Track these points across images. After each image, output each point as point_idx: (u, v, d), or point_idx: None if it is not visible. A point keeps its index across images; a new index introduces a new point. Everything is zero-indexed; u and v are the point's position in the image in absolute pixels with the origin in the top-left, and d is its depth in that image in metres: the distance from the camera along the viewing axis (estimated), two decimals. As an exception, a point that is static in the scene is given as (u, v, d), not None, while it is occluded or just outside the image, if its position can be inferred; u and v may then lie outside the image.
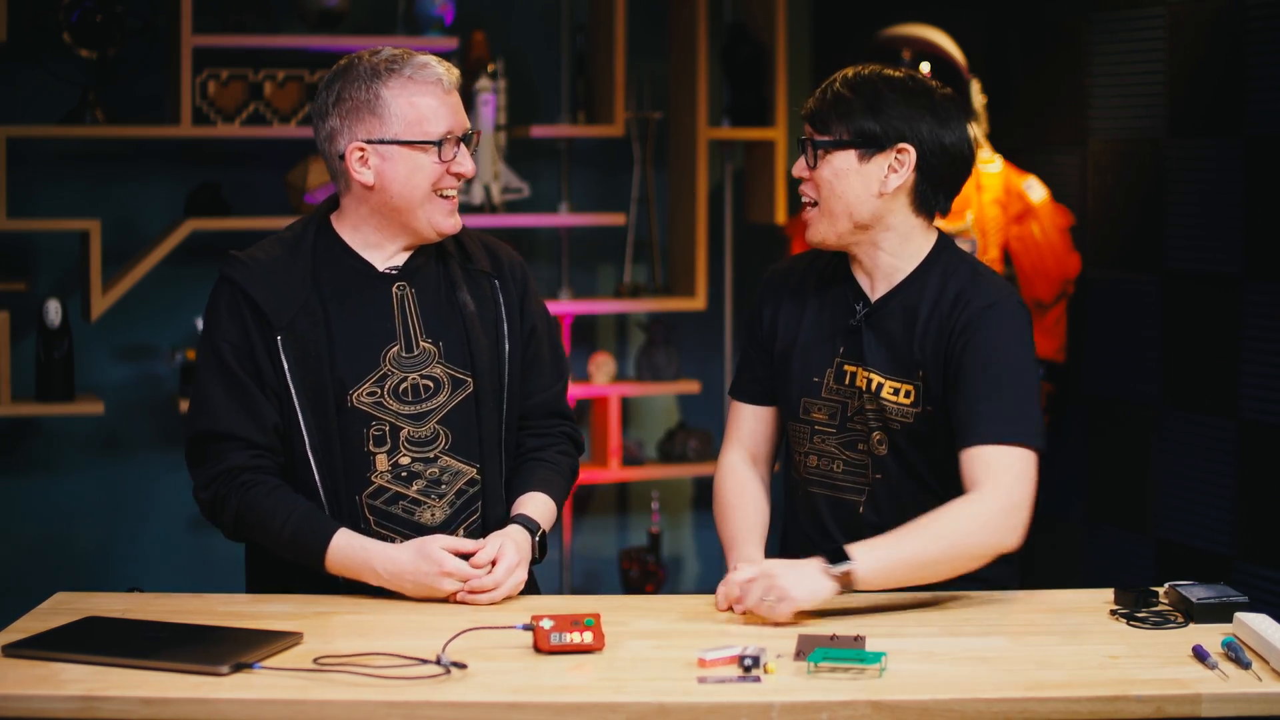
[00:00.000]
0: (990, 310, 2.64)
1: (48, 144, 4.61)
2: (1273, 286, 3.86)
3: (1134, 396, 4.25)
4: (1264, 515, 3.91)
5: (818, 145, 2.70)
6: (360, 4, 4.78)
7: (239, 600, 2.61)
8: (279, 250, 2.69)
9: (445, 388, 2.69)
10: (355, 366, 2.64)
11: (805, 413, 2.76)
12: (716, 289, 5.14)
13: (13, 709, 2.12)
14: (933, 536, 2.52)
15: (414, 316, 2.70)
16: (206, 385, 2.65)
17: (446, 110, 2.65)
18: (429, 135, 2.63)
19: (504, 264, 2.80)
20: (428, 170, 2.64)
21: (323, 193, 4.56)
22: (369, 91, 2.63)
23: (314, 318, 2.64)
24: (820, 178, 2.71)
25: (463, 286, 2.73)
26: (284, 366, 2.61)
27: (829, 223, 2.72)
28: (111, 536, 4.79)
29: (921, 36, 4.44)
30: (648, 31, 5.04)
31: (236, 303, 2.65)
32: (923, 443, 2.69)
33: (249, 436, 2.62)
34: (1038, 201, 4.40)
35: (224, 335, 2.64)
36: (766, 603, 2.44)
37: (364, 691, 2.14)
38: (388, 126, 2.63)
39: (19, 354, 4.49)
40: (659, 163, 5.11)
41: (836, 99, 2.70)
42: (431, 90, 2.64)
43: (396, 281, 2.70)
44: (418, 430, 2.67)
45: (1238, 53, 3.94)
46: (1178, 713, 2.17)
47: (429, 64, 2.65)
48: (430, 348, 2.69)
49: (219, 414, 2.63)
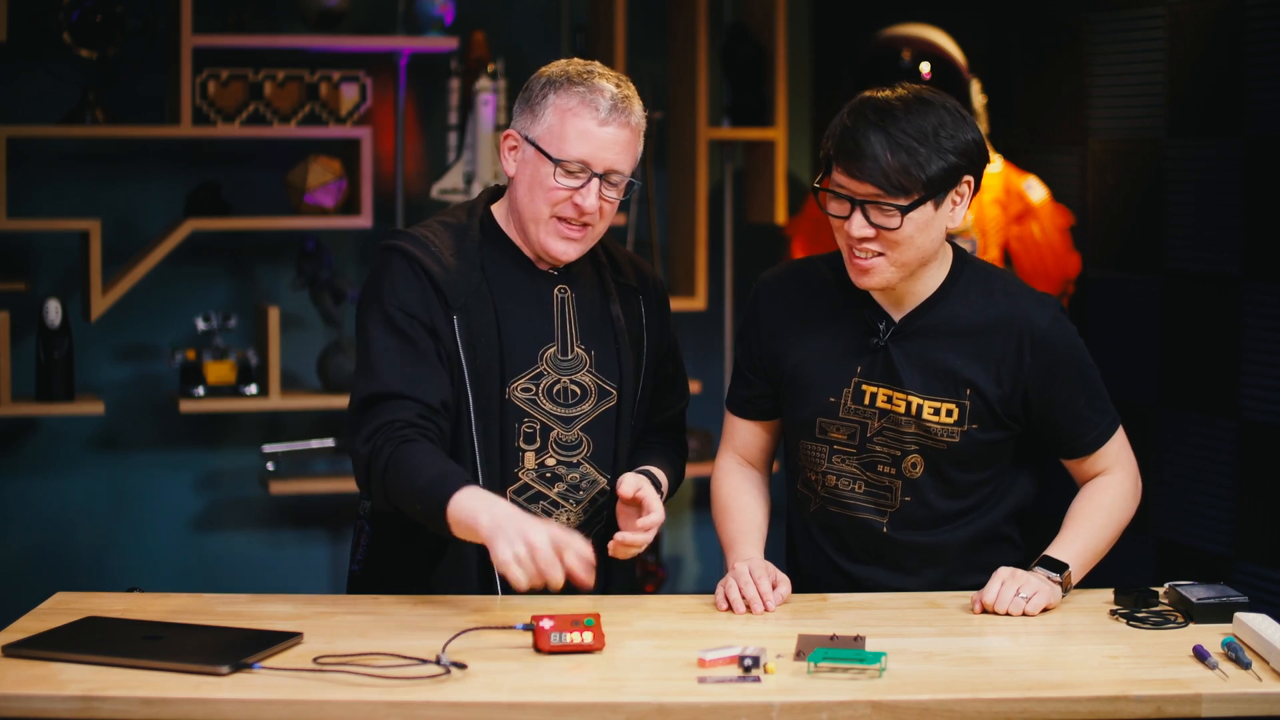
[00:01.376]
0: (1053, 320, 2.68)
1: (48, 144, 4.61)
2: (1273, 286, 3.86)
3: (1134, 396, 4.25)
4: (1264, 515, 3.91)
5: (904, 209, 2.54)
6: (360, 4, 4.78)
7: (239, 600, 2.61)
8: (447, 234, 2.68)
9: (592, 396, 2.71)
10: (515, 360, 2.65)
11: (822, 432, 2.72)
12: (716, 289, 5.14)
13: (13, 709, 2.12)
14: (1104, 525, 2.72)
15: (572, 321, 2.71)
16: (379, 347, 2.58)
17: (592, 139, 2.62)
18: (558, 152, 2.62)
19: (649, 281, 2.83)
20: (546, 186, 2.62)
21: (322, 192, 4.56)
22: (542, 90, 2.66)
23: (485, 304, 2.63)
24: (902, 236, 2.56)
25: (615, 298, 2.75)
26: (458, 346, 2.60)
27: (898, 270, 2.61)
28: (111, 536, 4.79)
29: (921, 36, 4.44)
30: (648, 31, 5.04)
31: (416, 274, 2.61)
32: (966, 460, 2.68)
33: (421, 398, 2.55)
34: (1038, 201, 4.40)
35: (401, 302, 2.59)
36: (1018, 600, 2.54)
37: (364, 691, 2.14)
38: (535, 127, 2.65)
39: (19, 354, 4.49)
40: (659, 163, 5.11)
41: (909, 156, 2.53)
42: (586, 114, 2.63)
43: (558, 283, 2.71)
44: (566, 434, 2.68)
45: (1238, 53, 3.94)
46: (1178, 713, 2.17)
47: (602, 91, 2.64)
48: (583, 354, 2.71)
49: (390, 376, 2.55)
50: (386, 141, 4.85)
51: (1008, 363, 2.65)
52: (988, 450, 2.69)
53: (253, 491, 4.87)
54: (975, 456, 2.68)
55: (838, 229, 2.62)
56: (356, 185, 4.59)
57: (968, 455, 2.67)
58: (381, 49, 4.69)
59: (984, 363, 2.65)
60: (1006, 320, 2.67)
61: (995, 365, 2.66)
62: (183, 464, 4.84)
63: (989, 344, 2.66)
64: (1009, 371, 2.65)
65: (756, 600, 2.55)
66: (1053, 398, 2.68)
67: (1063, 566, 2.60)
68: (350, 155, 4.64)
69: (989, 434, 2.67)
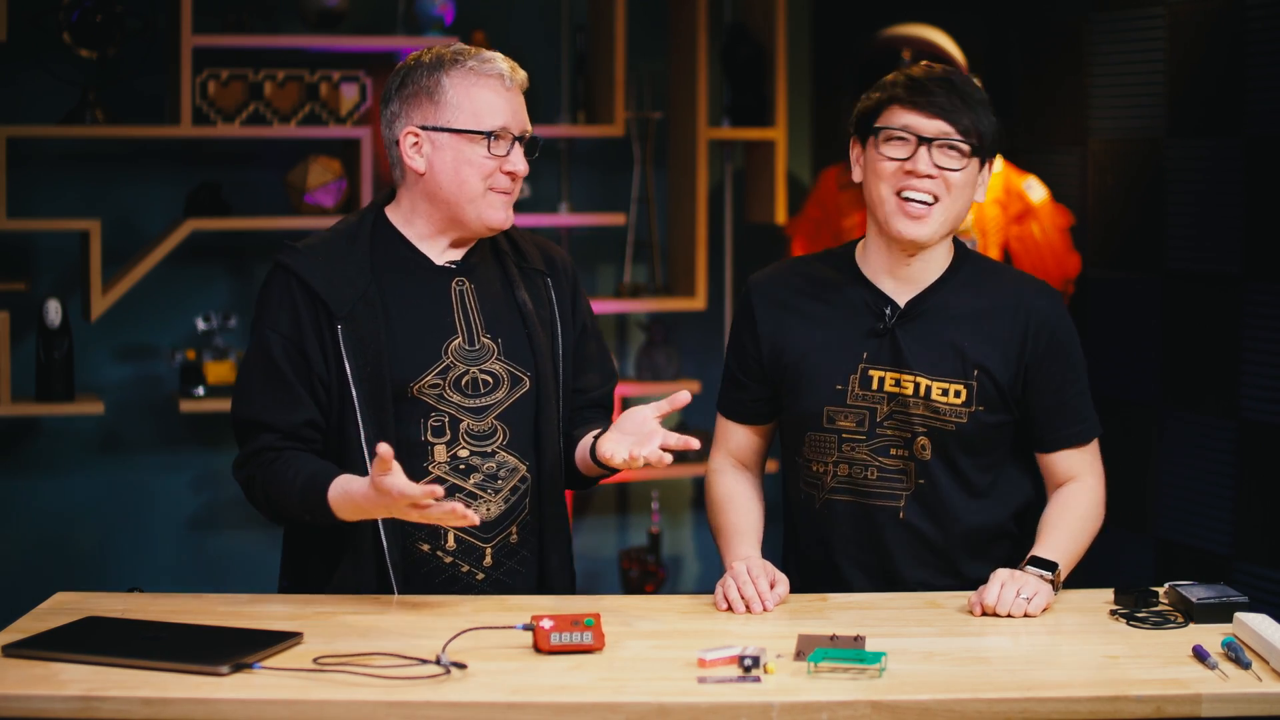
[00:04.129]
0: (1057, 309, 2.74)
1: (48, 144, 4.61)
2: (1273, 286, 3.86)
3: (1134, 396, 4.25)
4: (1264, 515, 3.91)
5: (970, 153, 2.65)
6: (360, 4, 4.78)
7: (239, 600, 2.61)
8: (336, 240, 2.70)
9: (504, 384, 2.70)
10: (416, 358, 2.66)
11: (830, 421, 2.73)
12: (716, 289, 5.14)
13: (13, 709, 2.12)
14: (1081, 531, 2.72)
15: (474, 312, 2.71)
16: (248, 372, 2.68)
17: (504, 105, 2.66)
18: (481, 126, 2.64)
19: (557, 263, 2.82)
20: (477, 163, 2.66)
21: (322, 192, 4.57)
22: (431, 79, 2.66)
23: (373, 308, 2.64)
24: (960, 181, 2.66)
25: (520, 285, 2.76)
26: (342, 355, 2.61)
27: (946, 221, 2.68)
28: (111, 536, 4.79)
29: (921, 36, 4.44)
30: (648, 31, 5.04)
31: (290, 292, 2.64)
32: (971, 443, 2.70)
33: (277, 425, 2.63)
34: (1038, 201, 4.40)
35: (273, 324, 2.65)
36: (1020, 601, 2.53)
37: (364, 691, 2.14)
38: (442, 114, 2.65)
39: (19, 354, 4.49)
40: (659, 163, 5.11)
41: (975, 106, 2.66)
42: (491, 84, 2.66)
43: (456, 276, 2.72)
44: (477, 424, 2.68)
45: (1238, 53, 3.94)
46: (1178, 713, 2.17)
47: (494, 59, 2.68)
48: (490, 344, 2.71)
49: (254, 401, 2.65)
50: (386, 141, 4.85)
51: (1013, 344, 2.70)
52: (993, 433, 2.71)
53: (253, 491, 4.87)
54: (980, 440, 2.70)
55: (889, 176, 2.66)
56: (356, 185, 4.59)
57: (973, 438, 2.70)
58: (381, 49, 4.69)
59: (992, 344, 2.70)
60: (1012, 303, 2.72)
61: (1003, 346, 2.70)
62: (183, 464, 4.84)
63: (996, 325, 2.71)
64: (1014, 353, 2.70)
65: (755, 600, 2.55)
66: (1046, 382, 2.72)
67: (1053, 565, 2.61)
68: (350, 155, 4.64)
69: (995, 416, 2.70)
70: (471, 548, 2.68)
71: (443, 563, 2.67)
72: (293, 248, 2.68)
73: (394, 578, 2.63)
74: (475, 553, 2.68)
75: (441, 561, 2.67)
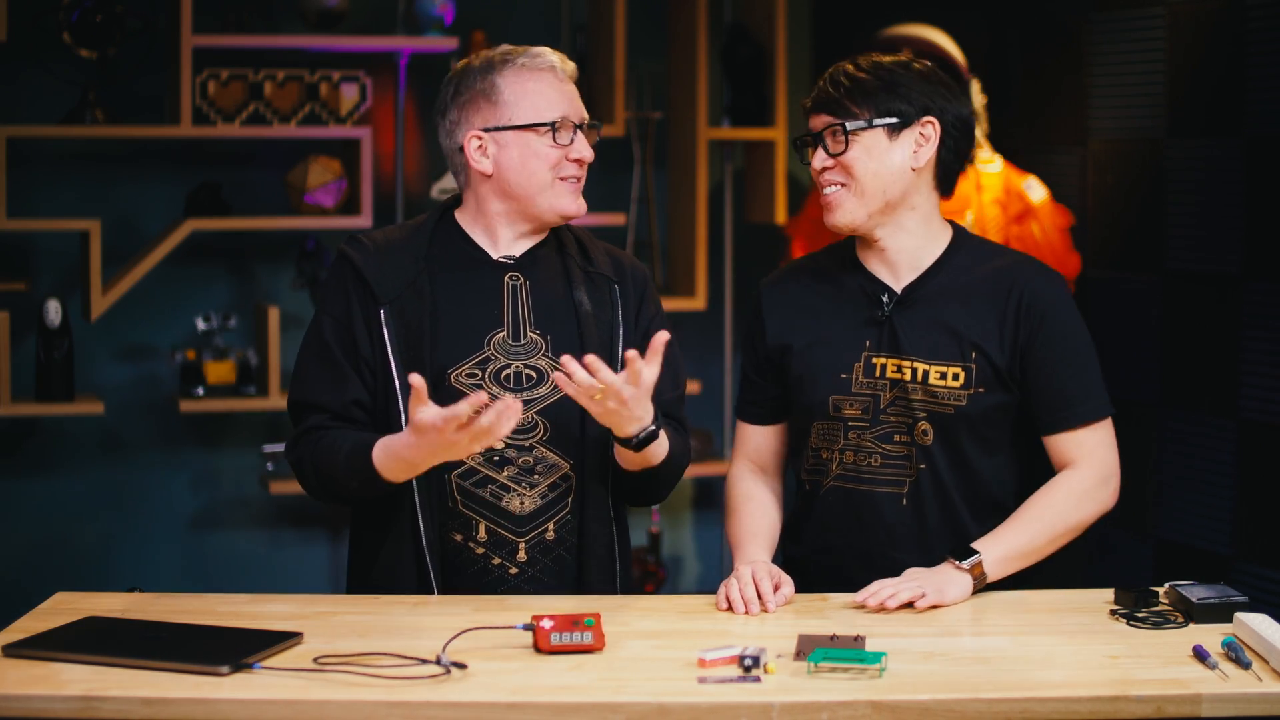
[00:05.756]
0: (1052, 288, 2.74)
1: (48, 144, 4.61)
2: (1273, 286, 3.86)
3: (1134, 396, 4.25)
4: (1264, 515, 3.90)
5: (848, 130, 2.70)
6: (360, 4, 4.78)
7: (239, 600, 2.61)
8: (399, 233, 2.78)
9: (549, 380, 2.70)
10: (458, 347, 2.69)
11: (836, 410, 2.76)
12: (716, 289, 5.14)
13: (13, 709, 2.12)
14: (1045, 520, 2.68)
15: (525, 306, 2.73)
16: (303, 355, 2.76)
17: (560, 96, 2.72)
18: (542, 118, 2.69)
19: (626, 270, 2.83)
20: (544, 155, 2.71)
21: (322, 192, 4.56)
22: (485, 81, 2.72)
23: (421, 296, 2.69)
24: (851, 159, 2.71)
25: (580, 286, 2.77)
26: (385, 339, 2.67)
27: (859, 202, 2.72)
28: (111, 536, 4.79)
29: (921, 36, 4.44)
30: (648, 31, 5.04)
31: (345, 278, 2.72)
32: (974, 426, 2.71)
33: (331, 406, 2.69)
34: (1038, 201, 4.40)
35: (328, 309, 2.73)
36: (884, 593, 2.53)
37: (364, 691, 2.14)
38: (502, 113, 2.71)
39: (19, 354, 4.49)
40: (659, 163, 5.11)
41: (855, 83, 2.72)
42: (545, 77, 2.72)
43: (510, 271, 2.75)
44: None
45: (1238, 53, 3.94)
46: (1178, 713, 2.17)
47: (544, 53, 2.74)
48: (538, 339, 2.72)
49: (306, 381, 2.74)
50: (386, 141, 4.85)
51: (1008, 321, 2.72)
52: (995, 414, 2.73)
53: (252, 491, 4.87)
54: (982, 422, 2.72)
55: (815, 179, 2.76)
56: (356, 185, 4.59)
57: (974, 420, 2.71)
58: (381, 49, 4.69)
59: (987, 323, 2.72)
60: (1008, 281, 2.74)
61: (998, 324, 2.72)
62: (183, 464, 4.84)
63: (991, 304, 2.73)
64: (1010, 330, 2.71)
65: (755, 601, 2.55)
66: (1040, 363, 2.72)
67: (972, 553, 2.62)
68: (350, 155, 4.64)
69: (995, 397, 2.72)
70: (503, 541, 2.68)
71: (474, 554, 2.68)
72: (355, 238, 2.77)
73: (431, 567, 2.65)
74: (507, 546, 2.68)
75: (473, 553, 2.68)
